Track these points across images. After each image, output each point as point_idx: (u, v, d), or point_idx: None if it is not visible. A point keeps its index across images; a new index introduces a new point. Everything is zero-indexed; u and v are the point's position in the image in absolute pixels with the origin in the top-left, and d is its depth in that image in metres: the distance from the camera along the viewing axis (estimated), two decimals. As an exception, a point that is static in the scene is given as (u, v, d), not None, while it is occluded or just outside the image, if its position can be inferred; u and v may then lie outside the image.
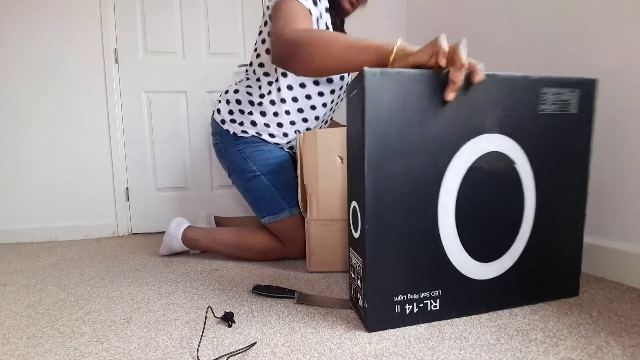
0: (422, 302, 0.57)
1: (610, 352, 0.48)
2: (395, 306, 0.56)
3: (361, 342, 0.53)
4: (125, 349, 0.54)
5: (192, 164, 1.62)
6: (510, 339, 0.52)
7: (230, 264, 1.01)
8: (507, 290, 0.62)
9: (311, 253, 0.88)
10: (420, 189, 0.55)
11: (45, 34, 1.47)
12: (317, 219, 0.87)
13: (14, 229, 1.49)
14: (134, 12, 1.53)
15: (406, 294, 0.56)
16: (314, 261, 0.89)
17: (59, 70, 1.49)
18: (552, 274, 0.64)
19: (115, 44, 1.53)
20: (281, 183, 0.97)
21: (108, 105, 1.53)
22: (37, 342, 0.57)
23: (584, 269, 0.81)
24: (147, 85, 1.56)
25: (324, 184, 0.87)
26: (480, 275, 0.60)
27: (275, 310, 0.66)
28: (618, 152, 0.75)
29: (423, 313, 0.58)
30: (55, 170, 1.52)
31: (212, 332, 0.58)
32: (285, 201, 0.97)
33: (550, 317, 0.59)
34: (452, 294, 0.59)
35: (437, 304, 0.58)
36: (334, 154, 0.86)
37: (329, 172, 0.86)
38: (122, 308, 0.70)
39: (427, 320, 0.58)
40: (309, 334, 0.56)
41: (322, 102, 0.98)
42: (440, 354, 0.49)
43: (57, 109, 1.50)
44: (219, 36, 1.59)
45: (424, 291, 0.57)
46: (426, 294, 0.57)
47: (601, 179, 0.78)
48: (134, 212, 1.59)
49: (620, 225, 0.75)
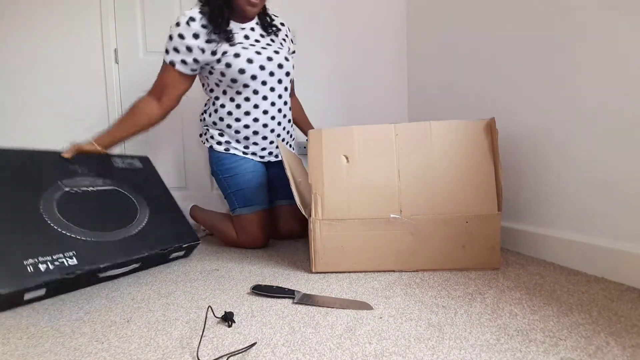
0: (57, 261, 0.76)
1: (610, 352, 0.48)
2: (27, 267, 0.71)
3: (361, 342, 0.53)
4: (125, 349, 0.54)
5: (192, 164, 1.63)
6: (510, 339, 0.52)
7: (230, 264, 1.01)
8: (144, 242, 0.93)
9: (316, 254, 0.87)
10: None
11: (46, 33, 1.48)
12: (323, 218, 0.86)
13: (14, 229, 1.49)
14: (134, 12, 1.53)
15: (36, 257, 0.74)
16: (319, 262, 0.87)
17: (58, 70, 1.49)
18: (173, 226, 1.04)
19: (115, 44, 1.53)
20: (234, 187, 1.17)
21: (108, 105, 1.54)
22: (37, 342, 0.57)
23: (584, 268, 0.81)
24: (147, 85, 1.54)
25: (329, 184, 0.87)
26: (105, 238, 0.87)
27: (275, 310, 0.66)
28: (617, 150, 0.75)
29: (60, 268, 0.75)
30: (55, 170, 1.52)
31: (212, 332, 0.58)
32: (237, 202, 1.17)
33: (550, 317, 0.59)
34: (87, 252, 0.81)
35: (74, 260, 0.78)
36: (340, 153, 0.87)
37: (334, 172, 0.87)
38: (122, 308, 0.70)
39: (66, 273, 0.75)
40: (309, 334, 0.56)
41: (263, 98, 1.13)
42: (440, 354, 0.49)
43: (56, 109, 1.50)
44: (219, 36, 1.59)
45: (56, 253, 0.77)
46: (59, 255, 0.77)
47: (601, 179, 0.78)
48: (134, 212, 1.59)
49: (620, 225, 0.75)
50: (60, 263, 0.76)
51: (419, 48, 1.64)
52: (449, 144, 0.86)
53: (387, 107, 1.76)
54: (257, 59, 1.06)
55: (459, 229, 0.83)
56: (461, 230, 0.83)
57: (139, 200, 1.04)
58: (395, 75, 1.76)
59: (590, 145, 0.80)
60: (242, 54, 1.04)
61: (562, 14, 0.86)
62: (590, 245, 0.80)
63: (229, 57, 1.04)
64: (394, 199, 0.84)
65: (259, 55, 1.06)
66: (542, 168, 0.94)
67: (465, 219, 0.83)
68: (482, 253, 0.83)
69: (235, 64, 1.03)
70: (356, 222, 0.85)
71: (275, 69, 1.10)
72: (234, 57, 1.03)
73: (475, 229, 0.83)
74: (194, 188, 1.63)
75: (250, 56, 1.04)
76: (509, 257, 0.96)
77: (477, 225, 0.83)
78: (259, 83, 1.08)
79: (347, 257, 0.87)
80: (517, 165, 1.02)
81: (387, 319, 0.61)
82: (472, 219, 0.83)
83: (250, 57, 1.04)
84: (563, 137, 0.87)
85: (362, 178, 0.87)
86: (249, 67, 1.04)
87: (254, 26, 1.12)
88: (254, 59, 1.05)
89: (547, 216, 0.93)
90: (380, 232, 0.85)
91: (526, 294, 0.70)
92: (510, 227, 1.04)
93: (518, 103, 1.01)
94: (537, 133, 0.95)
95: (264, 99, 1.12)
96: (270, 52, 1.08)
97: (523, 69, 0.99)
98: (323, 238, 0.86)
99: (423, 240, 0.84)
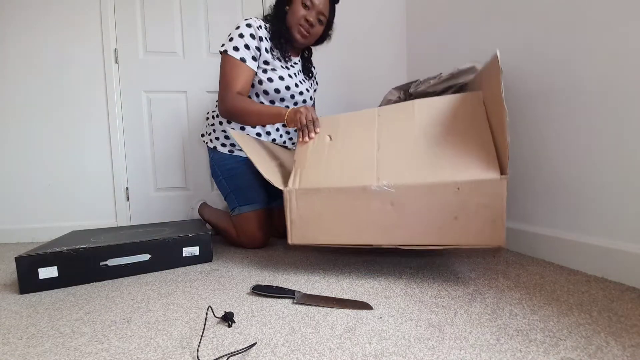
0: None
1: (610, 352, 0.48)
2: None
3: (361, 342, 0.53)
4: (125, 349, 0.54)
5: (192, 164, 1.62)
6: (510, 339, 0.52)
7: (230, 263, 1.01)
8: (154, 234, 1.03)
9: (292, 224, 0.84)
10: None
11: (45, 33, 1.47)
12: (299, 188, 0.84)
13: (14, 228, 1.50)
14: (134, 12, 1.53)
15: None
16: (296, 233, 0.84)
17: (59, 70, 1.49)
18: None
19: (115, 44, 1.53)
20: (234, 187, 1.21)
21: (108, 105, 1.53)
22: (37, 342, 0.57)
23: (584, 268, 0.81)
24: (147, 85, 1.56)
25: (311, 160, 0.88)
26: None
27: (275, 310, 0.66)
28: (617, 150, 0.75)
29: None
30: (56, 170, 1.52)
31: (212, 332, 0.58)
32: (237, 201, 1.19)
33: (550, 317, 0.59)
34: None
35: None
36: (325, 133, 0.93)
37: (317, 150, 0.91)
38: (122, 308, 0.70)
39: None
40: (309, 334, 0.56)
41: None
42: (440, 354, 0.49)
43: (57, 109, 1.50)
44: (219, 36, 1.59)
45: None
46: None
47: (601, 179, 0.78)
48: (134, 212, 1.59)
49: (620, 225, 0.75)
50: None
51: (419, 47, 1.64)
52: (435, 113, 0.83)
53: (387, 107, 1.76)
54: (292, 87, 1.20)
55: (447, 197, 0.72)
56: (451, 199, 0.72)
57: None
58: (395, 75, 1.76)
59: (590, 145, 0.80)
60: (285, 77, 1.17)
61: (562, 14, 0.86)
62: (590, 245, 0.80)
63: (274, 74, 1.15)
64: (372, 169, 0.81)
65: (295, 86, 1.21)
66: (542, 168, 0.94)
67: (456, 186, 0.71)
68: (480, 227, 0.70)
69: (276, 82, 1.15)
70: (332, 191, 0.81)
71: (299, 97, 1.23)
72: (279, 79, 1.16)
73: (469, 198, 0.70)
74: (194, 188, 1.63)
75: (288, 83, 1.18)
76: (509, 257, 0.96)
77: (472, 193, 0.70)
78: (280, 101, 1.20)
79: (325, 228, 0.82)
80: (517, 165, 1.02)
81: (387, 319, 0.61)
82: (464, 186, 0.70)
83: (288, 84, 1.18)
84: (563, 137, 0.87)
85: (342, 152, 0.87)
86: (283, 90, 1.17)
87: (297, 62, 1.27)
88: (290, 85, 1.19)
89: (547, 216, 0.93)
90: (358, 202, 0.79)
91: (526, 294, 0.70)
92: (510, 227, 1.04)
93: (518, 102, 1.01)
94: (537, 133, 0.95)
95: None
96: (302, 88, 1.24)
97: (521, 64, 0.99)
98: (299, 208, 0.83)
99: (406, 211, 0.75)
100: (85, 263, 0.87)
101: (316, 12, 1.12)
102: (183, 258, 0.99)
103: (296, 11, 1.12)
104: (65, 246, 0.89)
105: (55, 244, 0.94)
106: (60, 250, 0.85)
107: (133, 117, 1.57)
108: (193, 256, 1.01)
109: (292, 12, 1.13)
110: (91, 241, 0.95)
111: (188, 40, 1.58)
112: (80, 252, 0.86)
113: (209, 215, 1.40)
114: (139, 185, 1.59)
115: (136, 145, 1.58)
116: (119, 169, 1.56)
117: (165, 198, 1.61)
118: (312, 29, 1.15)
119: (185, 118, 1.61)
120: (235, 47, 1.08)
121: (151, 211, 1.60)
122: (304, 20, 1.12)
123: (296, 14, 1.12)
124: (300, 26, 1.13)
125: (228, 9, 1.60)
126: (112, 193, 1.57)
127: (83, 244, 0.90)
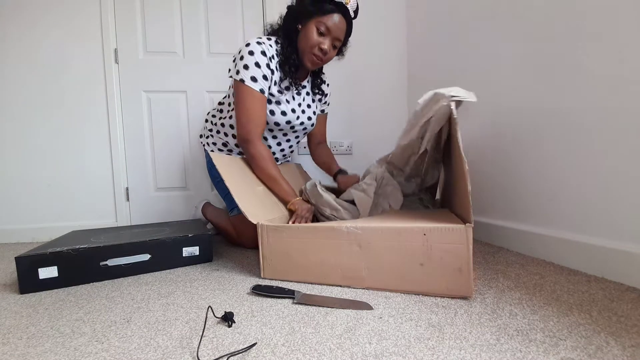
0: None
1: (610, 352, 0.48)
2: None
3: (361, 342, 0.53)
4: (125, 349, 0.54)
5: (192, 164, 1.62)
6: (510, 339, 0.52)
7: (230, 263, 1.01)
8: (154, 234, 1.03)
9: (264, 259, 0.85)
10: None
11: (46, 34, 1.47)
12: (270, 223, 0.85)
13: (14, 228, 1.50)
14: (134, 12, 1.53)
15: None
16: (267, 268, 0.85)
17: (59, 70, 1.49)
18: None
19: (115, 44, 1.53)
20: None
21: (108, 105, 1.53)
22: (37, 342, 0.57)
23: (584, 268, 0.81)
24: (147, 85, 1.56)
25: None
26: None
27: (275, 310, 0.66)
28: (617, 150, 0.75)
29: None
30: (56, 169, 1.52)
31: (212, 332, 0.58)
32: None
33: (550, 317, 0.59)
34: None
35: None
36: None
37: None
38: (122, 308, 0.70)
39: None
40: (309, 334, 0.56)
41: (277, 143, 1.22)
42: (440, 354, 0.49)
43: (57, 109, 1.50)
44: (219, 36, 1.59)
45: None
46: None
47: (601, 179, 0.78)
48: (134, 212, 1.59)
49: (620, 225, 0.75)
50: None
51: (419, 47, 1.64)
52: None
53: (387, 106, 1.76)
54: (293, 120, 1.16)
55: (413, 242, 0.70)
56: (417, 245, 0.70)
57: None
58: (395, 75, 1.76)
59: (591, 145, 0.80)
60: (287, 113, 1.14)
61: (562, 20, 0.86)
62: (590, 245, 0.80)
63: (277, 107, 1.11)
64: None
65: (296, 119, 1.17)
66: (542, 168, 0.94)
67: (422, 231, 0.70)
68: (447, 275, 0.69)
69: (277, 116, 1.12)
70: (301, 229, 0.81)
71: (299, 127, 1.20)
72: (281, 114, 1.12)
73: (434, 244, 0.69)
74: (194, 188, 1.63)
75: (290, 118, 1.15)
76: (509, 257, 0.96)
77: (439, 239, 0.68)
78: (279, 131, 1.18)
79: (294, 265, 0.82)
80: (517, 165, 1.02)
81: (387, 319, 0.61)
82: (430, 232, 0.69)
83: (289, 119, 1.15)
84: (563, 137, 0.87)
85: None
86: (284, 124, 1.15)
87: (305, 84, 1.21)
88: (292, 120, 1.16)
89: (546, 216, 0.93)
90: (326, 241, 0.78)
91: (526, 294, 0.70)
92: (510, 227, 1.04)
93: (518, 102, 1.01)
94: (537, 132, 0.95)
95: (273, 138, 1.19)
96: (304, 118, 1.20)
97: (523, 70, 0.99)
98: (270, 243, 0.84)
99: (372, 254, 0.74)
100: (85, 263, 0.87)
101: (331, 39, 1.04)
102: (183, 258, 0.99)
103: (310, 37, 1.03)
104: (65, 246, 0.88)
105: (55, 244, 0.94)
106: (60, 250, 0.85)
107: (133, 117, 1.57)
108: (193, 256, 1.01)
109: (305, 36, 1.04)
110: (91, 241, 0.95)
111: (188, 40, 1.58)
112: (80, 252, 0.86)
113: (211, 214, 1.40)
114: (139, 185, 1.59)
115: (136, 145, 1.58)
116: (119, 169, 1.56)
117: (165, 198, 1.62)
118: (325, 57, 1.07)
119: (185, 118, 1.61)
120: (253, 78, 1.02)
121: (151, 211, 1.60)
122: (317, 50, 1.04)
123: (310, 40, 1.03)
124: (314, 55, 1.05)
125: (228, 9, 1.60)
126: (112, 193, 1.57)
127: (83, 244, 0.90)
